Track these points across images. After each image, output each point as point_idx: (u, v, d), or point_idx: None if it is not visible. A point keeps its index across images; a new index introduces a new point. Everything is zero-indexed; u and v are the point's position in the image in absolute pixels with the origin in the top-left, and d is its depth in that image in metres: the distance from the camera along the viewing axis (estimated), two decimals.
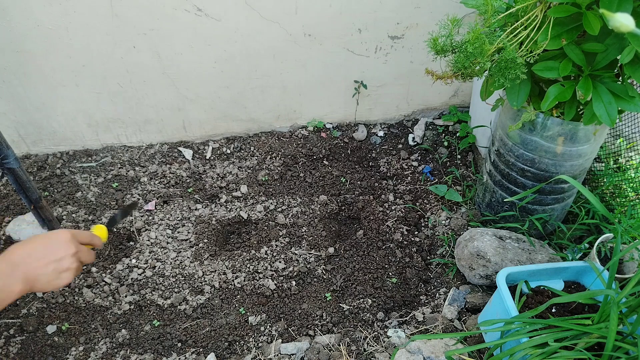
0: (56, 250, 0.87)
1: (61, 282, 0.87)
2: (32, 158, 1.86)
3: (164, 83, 1.75)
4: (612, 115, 1.07)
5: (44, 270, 0.85)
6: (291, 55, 1.76)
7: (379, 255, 1.57)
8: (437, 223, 1.66)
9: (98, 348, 1.34)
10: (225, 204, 1.73)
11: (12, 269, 0.81)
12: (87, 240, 0.95)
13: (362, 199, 1.75)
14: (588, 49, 1.07)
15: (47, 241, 0.87)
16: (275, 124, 1.99)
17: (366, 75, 1.89)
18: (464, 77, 1.18)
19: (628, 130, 1.58)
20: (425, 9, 1.70)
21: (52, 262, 0.86)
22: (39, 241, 0.86)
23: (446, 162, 1.89)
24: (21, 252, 0.83)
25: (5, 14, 1.47)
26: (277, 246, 1.60)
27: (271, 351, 1.31)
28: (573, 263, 1.25)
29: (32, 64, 1.61)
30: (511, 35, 1.10)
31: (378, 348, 1.32)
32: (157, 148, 1.93)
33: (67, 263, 0.88)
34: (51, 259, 0.86)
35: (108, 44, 1.60)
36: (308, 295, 1.48)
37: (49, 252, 0.87)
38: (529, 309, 1.16)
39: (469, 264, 1.40)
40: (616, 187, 1.55)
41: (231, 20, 1.61)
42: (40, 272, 0.85)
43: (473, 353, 1.25)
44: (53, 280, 0.86)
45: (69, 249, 0.89)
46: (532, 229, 1.50)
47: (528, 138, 1.30)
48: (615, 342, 0.90)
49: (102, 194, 1.75)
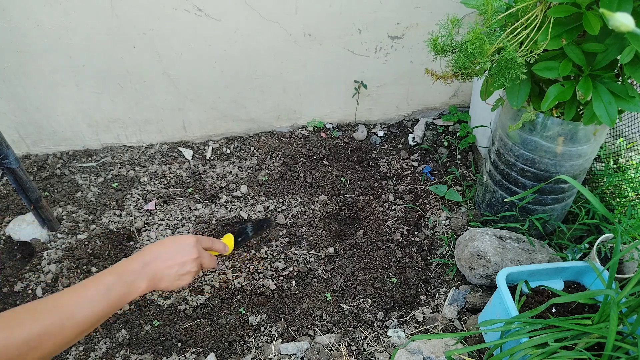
0: (182, 253, 0.93)
1: (181, 283, 0.93)
2: (32, 158, 1.86)
3: (164, 83, 1.75)
4: (612, 115, 1.07)
5: (169, 272, 0.90)
6: (291, 55, 1.76)
7: (379, 255, 1.57)
8: (437, 223, 1.66)
9: (98, 348, 1.33)
10: (225, 204, 1.73)
11: (142, 267, 0.86)
12: (209, 246, 1.01)
13: (362, 199, 1.75)
14: (588, 49, 1.07)
15: (176, 244, 0.92)
16: (275, 124, 2.00)
17: (366, 75, 1.89)
18: (464, 77, 1.18)
19: (628, 130, 1.58)
20: (425, 9, 1.70)
21: (177, 265, 0.92)
22: (169, 243, 0.91)
23: (446, 162, 1.89)
24: (152, 252, 0.88)
25: (5, 14, 1.47)
26: (277, 246, 1.60)
27: (271, 351, 1.31)
28: (573, 263, 1.25)
29: (32, 64, 1.61)
30: (511, 35, 1.10)
31: (378, 348, 1.32)
32: (157, 148, 1.93)
33: (189, 266, 0.93)
34: (176, 262, 0.92)
35: (108, 44, 1.60)
36: (308, 295, 1.48)
37: (176, 254, 0.92)
38: (529, 309, 1.16)
39: (469, 264, 1.40)
40: (616, 187, 1.55)
41: (231, 20, 1.61)
42: (165, 272, 0.90)
43: (473, 353, 1.25)
44: (174, 281, 0.91)
45: (193, 253, 0.94)
46: (532, 229, 1.50)
47: (528, 138, 1.30)
48: (615, 342, 0.90)
49: (102, 194, 1.75)
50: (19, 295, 1.44)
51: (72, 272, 1.49)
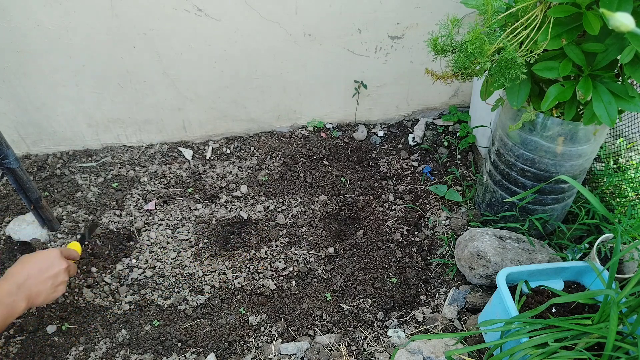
0: (51, 267, 0.99)
1: (57, 294, 1.01)
2: (32, 158, 1.86)
3: (164, 83, 1.75)
4: (612, 115, 1.07)
5: (44, 287, 0.97)
6: (291, 55, 1.76)
7: (379, 255, 1.57)
8: (437, 223, 1.66)
9: (98, 348, 1.33)
10: (225, 204, 1.73)
11: (17, 289, 0.91)
12: (69, 255, 1.10)
13: (362, 199, 1.75)
14: (588, 49, 1.07)
15: (43, 260, 0.99)
16: (275, 124, 2.00)
17: (366, 75, 1.89)
18: (464, 77, 1.18)
19: (628, 130, 1.58)
20: (425, 9, 1.70)
21: (50, 278, 0.98)
22: (35, 261, 0.98)
23: (446, 162, 1.89)
24: (23, 273, 0.94)
25: (5, 14, 1.47)
26: (277, 246, 1.60)
27: (271, 351, 1.31)
28: (573, 263, 1.25)
29: (32, 64, 1.61)
30: (511, 35, 1.10)
31: (378, 348, 1.32)
32: (157, 148, 1.93)
33: (61, 277, 1.01)
34: (49, 275, 0.98)
35: (108, 44, 1.60)
36: (308, 295, 1.48)
37: (46, 269, 0.98)
38: (529, 309, 1.16)
39: (469, 264, 1.40)
40: (616, 187, 1.55)
41: (231, 20, 1.61)
42: (40, 288, 0.96)
43: (473, 353, 1.25)
44: (51, 294, 0.99)
45: (62, 264, 1.02)
46: (532, 229, 1.50)
47: (528, 138, 1.30)
48: (615, 342, 0.90)
49: (102, 194, 1.75)
50: None
51: None
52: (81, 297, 1.44)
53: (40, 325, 1.37)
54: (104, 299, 1.44)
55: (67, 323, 1.38)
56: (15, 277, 0.94)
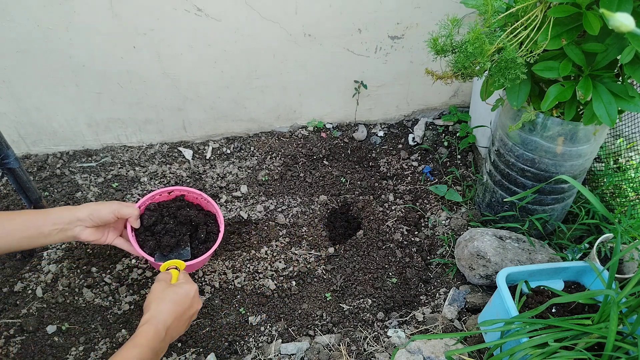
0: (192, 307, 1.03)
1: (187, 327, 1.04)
2: (32, 158, 1.86)
3: (164, 83, 1.75)
4: (612, 115, 1.07)
5: (184, 328, 1.01)
6: (291, 55, 1.76)
7: (379, 255, 1.57)
8: (437, 223, 1.66)
9: (98, 348, 1.34)
10: (225, 204, 1.73)
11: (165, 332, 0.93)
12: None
13: (362, 199, 1.75)
14: (588, 49, 1.07)
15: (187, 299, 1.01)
16: (275, 124, 2.00)
17: (366, 75, 1.89)
18: (464, 77, 1.18)
19: (628, 130, 1.58)
20: (425, 9, 1.70)
21: (189, 318, 1.03)
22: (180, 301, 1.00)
23: (446, 162, 1.89)
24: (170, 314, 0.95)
25: (5, 14, 1.47)
26: (277, 246, 1.60)
27: (271, 351, 1.31)
28: (573, 263, 1.25)
29: (32, 64, 1.61)
30: (511, 35, 1.10)
31: (378, 348, 1.32)
32: (157, 148, 1.93)
33: (194, 315, 1.05)
34: (189, 315, 1.02)
35: (108, 44, 1.60)
36: (308, 295, 1.48)
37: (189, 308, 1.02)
38: (529, 309, 1.16)
39: (469, 264, 1.40)
40: (616, 187, 1.55)
41: (231, 20, 1.61)
42: (181, 330, 1.00)
43: (473, 353, 1.25)
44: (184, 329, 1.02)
45: (200, 303, 1.07)
46: (532, 229, 1.50)
47: (528, 138, 1.30)
48: (615, 342, 0.90)
49: (102, 194, 1.75)
50: (19, 295, 1.44)
51: (72, 272, 1.49)
52: (81, 297, 1.44)
53: (40, 325, 1.37)
54: (104, 299, 1.44)
55: (67, 323, 1.38)
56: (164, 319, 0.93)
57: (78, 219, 1.06)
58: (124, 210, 1.13)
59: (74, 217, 1.05)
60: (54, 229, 1.02)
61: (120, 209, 1.11)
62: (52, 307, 1.41)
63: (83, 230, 1.07)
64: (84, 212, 1.06)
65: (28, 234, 0.99)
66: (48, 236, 1.02)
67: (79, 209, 1.06)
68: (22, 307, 1.41)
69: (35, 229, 1.00)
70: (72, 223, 1.05)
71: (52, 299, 1.43)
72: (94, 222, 1.08)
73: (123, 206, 1.13)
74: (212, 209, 1.34)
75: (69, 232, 1.05)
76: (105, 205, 1.09)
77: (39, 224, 1.01)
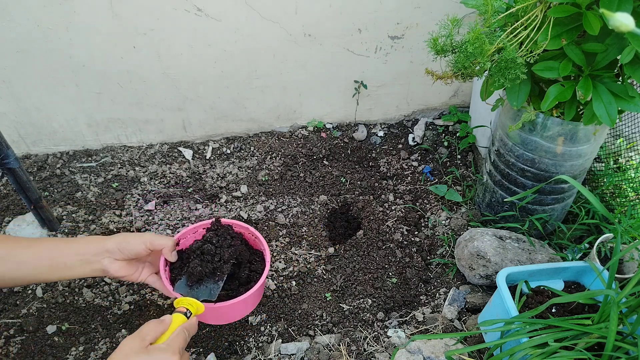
0: None
1: None
2: (32, 158, 1.86)
3: (164, 83, 1.75)
4: (612, 115, 1.07)
5: None
6: (291, 55, 1.76)
7: (379, 255, 1.57)
8: (437, 223, 1.66)
9: (98, 348, 1.33)
10: (225, 204, 1.73)
11: None
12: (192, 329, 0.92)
13: (362, 199, 1.75)
14: (588, 49, 1.07)
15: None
16: (275, 124, 2.00)
17: (366, 75, 1.89)
18: (464, 77, 1.18)
19: (628, 130, 1.58)
20: (425, 9, 1.70)
21: None
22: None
23: (446, 162, 1.89)
24: None
25: (5, 13, 1.47)
26: (277, 246, 1.60)
27: (271, 351, 1.31)
28: (573, 263, 1.25)
29: (32, 64, 1.61)
30: (511, 35, 1.10)
31: (378, 348, 1.32)
32: (157, 148, 1.93)
33: None
34: None
35: (108, 44, 1.60)
36: (308, 295, 1.48)
37: None
38: (529, 309, 1.16)
39: (469, 264, 1.40)
40: (616, 187, 1.55)
41: (231, 20, 1.61)
42: None
43: (473, 353, 1.25)
44: None
45: None
46: (532, 229, 1.50)
47: (528, 138, 1.30)
48: (615, 342, 0.90)
49: (102, 194, 1.75)
50: (19, 295, 1.44)
51: None
52: (81, 297, 1.44)
53: (40, 325, 1.37)
54: (104, 299, 1.44)
55: (67, 323, 1.38)
56: None
57: (106, 250, 0.92)
58: (157, 242, 0.97)
59: (102, 248, 0.92)
60: (78, 259, 0.90)
61: (153, 239, 0.97)
62: (52, 307, 1.41)
63: (112, 264, 0.94)
64: (112, 243, 0.93)
65: (47, 264, 0.87)
66: (71, 268, 0.90)
67: (108, 239, 0.94)
68: (22, 307, 1.41)
69: (55, 259, 0.88)
70: (98, 255, 0.92)
71: (52, 299, 1.43)
72: (124, 254, 0.94)
73: (156, 237, 0.98)
74: (260, 246, 1.11)
75: (95, 264, 0.92)
76: (136, 235, 0.96)
77: (60, 253, 0.89)
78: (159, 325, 0.84)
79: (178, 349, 0.80)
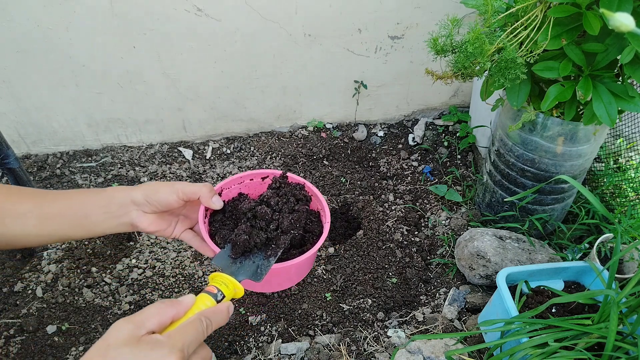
0: None
1: None
2: (32, 158, 1.86)
3: (164, 83, 1.75)
4: (612, 115, 1.07)
5: None
6: (291, 56, 1.76)
7: (379, 255, 1.57)
8: (437, 223, 1.66)
9: None
10: None
11: None
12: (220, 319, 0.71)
13: (362, 199, 1.75)
14: (588, 49, 1.07)
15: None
16: (275, 124, 2.00)
17: (366, 75, 1.89)
18: (464, 77, 1.18)
19: (628, 130, 1.58)
20: (425, 9, 1.70)
21: None
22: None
23: (446, 162, 1.89)
24: None
25: (5, 14, 1.47)
26: None
27: (271, 351, 1.31)
28: (573, 263, 1.25)
29: (32, 64, 1.61)
30: (511, 35, 1.10)
31: (378, 348, 1.32)
32: (157, 148, 1.93)
33: None
34: None
35: (108, 44, 1.60)
36: (308, 295, 1.48)
37: None
38: (529, 309, 1.16)
39: (469, 264, 1.40)
40: (616, 187, 1.55)
41: (231, 20, 1.61)
42: None
43: (473, 353, 1.25)
44: None
45: None
46: (532, 229, 1.50)
47: (528, 138, 1.30)
48: (615, 342, 0.90)
49: None
50: (19, 295, 1.44)
51: (72, 272, 1.49)
52: (81, 297, 1.44)
53: (40, 325, 1.37)
54: (104, 299, 1.44)
55: (67, 323, 1.38)
56: None
57: (132, 202, 0.79)
58: (190, 189, 0.80)
59: (127, 199, 0.79)
60: (103, 212, 0.78)
61: (185, 187, 0.80)
62: (52, 307, 1.41)
63: (141, 217, 0.80)
64: (139, 193, 0.79)
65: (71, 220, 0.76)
66: (97, 224, 0.78)
67: (135, 189, 0.80)
68: (22, 307, 1.41)
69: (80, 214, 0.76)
70: (124, 206, 0.79)
71: (52, 299, 1.43)
72: (153, 206, 0.80)
73: (189, 184, 0.81)
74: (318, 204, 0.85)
75: (122, 217, 0.79)
76: (166, 184, 0.81)
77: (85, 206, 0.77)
78: (170, 307, 0.62)
79: (182, 345, 0.58)
